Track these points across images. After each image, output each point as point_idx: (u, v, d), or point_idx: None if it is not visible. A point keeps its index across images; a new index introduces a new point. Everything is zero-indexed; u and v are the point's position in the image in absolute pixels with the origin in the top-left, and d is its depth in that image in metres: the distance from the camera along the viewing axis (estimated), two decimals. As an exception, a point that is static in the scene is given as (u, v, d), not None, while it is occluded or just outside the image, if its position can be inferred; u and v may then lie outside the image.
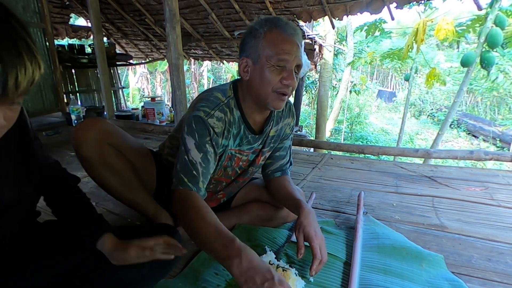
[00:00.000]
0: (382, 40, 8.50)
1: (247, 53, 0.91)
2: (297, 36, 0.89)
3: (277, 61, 0.85)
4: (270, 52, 0.85)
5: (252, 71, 0.90)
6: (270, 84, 0.87)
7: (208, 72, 14.39)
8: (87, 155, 0.96)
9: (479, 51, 3.62)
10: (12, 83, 0.41)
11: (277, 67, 0.86)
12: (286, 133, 1.16)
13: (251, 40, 0.90)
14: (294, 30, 0.88)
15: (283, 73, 0.86)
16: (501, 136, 10.04)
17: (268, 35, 0.87)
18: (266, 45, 0.86)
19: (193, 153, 0.88)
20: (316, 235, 0.91)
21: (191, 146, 0.89)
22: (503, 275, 1.00)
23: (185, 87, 2.61)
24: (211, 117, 0.91)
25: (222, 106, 0.94)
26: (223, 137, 0.96)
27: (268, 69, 0.86)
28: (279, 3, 3.46)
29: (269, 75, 0.86)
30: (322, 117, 7.11)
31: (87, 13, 4.56)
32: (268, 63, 0.86)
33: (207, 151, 0.90)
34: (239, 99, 0.97)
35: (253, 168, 1.14)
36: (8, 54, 0.40)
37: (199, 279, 0.92)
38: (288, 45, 0.86)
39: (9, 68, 0.41)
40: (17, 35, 0.42)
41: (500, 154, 2.29)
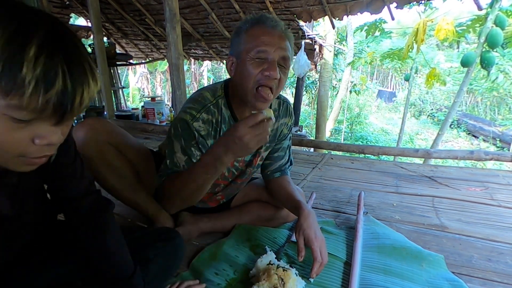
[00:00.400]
0: (382, 40, 8.49)
1: (232, 51, 0.92)
2: (279, 28, 0.87)
3: (256, 53, 0.84)
4: (250, 45, 0.85)
5: (236, 67, 0.90)
6: (251, 77, 0.85)
7: (208, 72, 14.39)
8: (87, 154, 0.96)
9: (479, 51, 3.62)
10: (78, 100, 0.44)
11: (257, 60, 0.84)
12: (283, 133, 1.14)
13: (235, 38, 0.91)
14: (275, 22, 0.87)
15: (264, 65, 0.84)
16: (501, 136, 10.04)
17: (249, 30, 0.87)
18: (246, 39, 0.87)
19: (178, 156, 0.94)
20: (316, 237, 0.91)
21: (177, 149, 0.94)
22: (503, 275, 1.00)
23: (185, 87, 2.61)
24: (197, 120, 0.92)
25: (209, 106, 0.94)
26: (211, 138, 0.97)
27: (248, 62, 0.85)
28: (279, 3, 3.46)
29: (249, 68, 0.85)
30: (322, 117, 7.11)
31: (87, 13, 4.57)
32: (248, 56, 0.85)
33: (192, 154, 0.94)
34: (229, 98, 0.97)
35: (251, 169, 1.13)
36: (77, 72, 0.43)
37: (200, 279, 0.92)
38: (267, 36, 0.85)
39: (77, 85, 0.43)
40: (83, 56, 0.45)
41: (500, 154, 2.29)
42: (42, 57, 0.40)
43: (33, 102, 0.41)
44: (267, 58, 0.84)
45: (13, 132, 0.43)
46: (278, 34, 0.86)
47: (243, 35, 0.88)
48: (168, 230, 0.92)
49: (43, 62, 0.40)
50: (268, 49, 0.84)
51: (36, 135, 0.45)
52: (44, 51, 0.40)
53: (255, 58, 0.85)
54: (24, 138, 0.44)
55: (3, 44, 0.38)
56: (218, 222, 1.19)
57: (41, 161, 0.49)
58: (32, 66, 0.39)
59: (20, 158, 0.46)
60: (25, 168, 0.49)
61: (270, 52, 0.84)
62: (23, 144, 0.45)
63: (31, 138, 0.45)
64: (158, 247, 0.83)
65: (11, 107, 0.41)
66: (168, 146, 0.96)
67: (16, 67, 0.39)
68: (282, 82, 0.88)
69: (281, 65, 0.87)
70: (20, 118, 0.42)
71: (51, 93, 0.41)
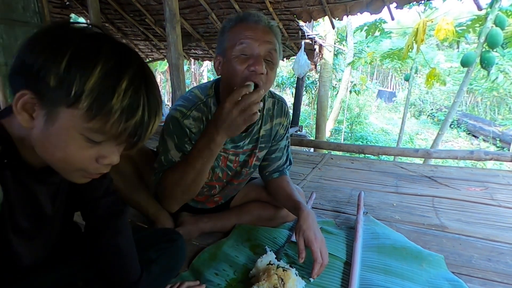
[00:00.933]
0: (382, 40, 8.51)
1: (218, 50, 0.91)
2: (262, 22, 0.86)
3: (241, 48, 0.83)
4: (233, 42, 0.84)
5: (222, 66, 0.90)
6: (237, 73, 0.83)
7: (208, 72, 14.39)
8: None
9: (479, 51, 3.62)
10: (150, 129, 0.50)
11: (242, 56, 0.83)
12: (279, 134, 1.13)
13: (220, 37, 0.91)
14: (258, 17, 0.86)
15: (250, 61, 0.83)
16: (501, 136, 10.03)
17: (233, 28, 0.87)
18: (230, 37, 0.86)
19: (172, 153, 0.96)
20: (316, 238, 0.91)
21: (171, 147, 0.95)
22: (503, 275, 1.00)
23: (185, 87, 2.61)
24: (187, 118, 0.93)
25: (199, 104, 0.95)
26: None
27: (233, 59, 0.84)
28: (279, 3, 3.46)
29: (235, 65, 0.84)
30: (322, 117, 7.11)
31: (87, 13, 4.57)
32: (233, 53, 0.84)
33: (186, 150, 0.95)
34: (219, 96, 0.98)
35: (246, 170, 1.12)
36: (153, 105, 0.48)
37: (200, 279, 0.92)
38: (250, 31, 0.84)
39: (151, 117, 0.49)
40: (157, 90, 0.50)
41: (500, 154, 2.29)
42: (130, 91, 0.45)
43: (113, 129, 0.45)
44: (253, 54, 0.83)
45: (83, 150, 0.48)
46: (262, 28, 0.85)
47: (226, 33, 0.88)
48: (170, 232, 0.92)
49: (129, 95, 0.45)
50: (252, 43, 0.83)
51: (100, 155, 0.49)
52: (133, 86, 0.45)
53: (240, 55, 0.83)
54: (90, 156, 0.49)
55: (103, 75, 0.43)
56: (218, 222, 1.19)
57: (96, 176, 0.54)
58: (121, 98, 0.44)
59: (80, 172, 0.51)
60: (81, 180, 0.53)
61: (255, 47, 0.83)
62: (87, 161, 0.49)
63: (96, 157, 0.49)
64: (160, 248, 0.83)
65: (92, 130, 0.45)
66: (162, 144, 0.97)
67: (109, 96, 0.43)
68: (270, 77, 0.86)
69: (268, 60, 0.85)
70: (95, 140, 0.47)
71: (130, 122, 0.46)
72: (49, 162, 0.50)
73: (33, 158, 0.52)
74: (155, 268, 0.79)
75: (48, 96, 0.44)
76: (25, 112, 0.45)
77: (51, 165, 0.51)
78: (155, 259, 0.80)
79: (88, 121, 0.44)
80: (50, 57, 0.43)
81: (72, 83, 0.42)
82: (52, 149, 0.47)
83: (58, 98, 0.43)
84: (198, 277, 0.93)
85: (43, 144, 0.47)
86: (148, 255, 0.80)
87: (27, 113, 0.45)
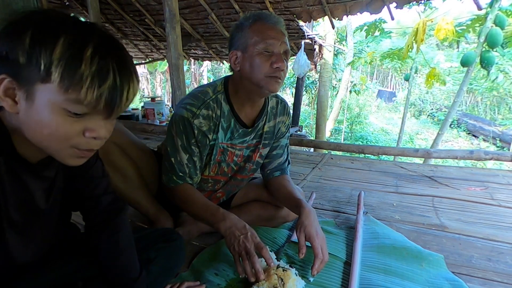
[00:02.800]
0: (382, 40, 8.49)
1: (236, 46, 0.96)
2: (280, 25, 0.95)
3: (265, 46, 0.90)
4: (257, 39, 0.91)
5: (242, 61, 0.94)
6: (261, 69, 0.91)
7: (208, 72, 14.40)
8: None
9: (479, 51, 3.62)
10: (125, 96, 0.51)
11: (266, 53, 0.91)
12: (281, 131, 1.17)
13: (238, 34, 0.95)
14: (276, 19, 0.95)
15: (272, 58, 0.91)
16: (501, 136, 10.04)
17: (253, 25, 0.93)
18: (252, 34, 0.92)
19: (180, 155, 0.98)
20: (317, 234, 0.91)
21: (178, 147, 0.98)
22: (503, 275, 1.00)
23: (185, 87, 2.61)
24: (197, 117, 0.95)
25: (208, 102, 0.97)
26: (212, 132, 1.00)
27: (257, 56, 0.91)
28: (279, 3, 3.46)
29: (258, 61, 0.91)
30: (322, 117, 7.11)
31: (87, 13, 4.56)
32: (256, 50, 0.91)
33: (193, 152, 0.98)
34: (229, 94, 1.00)
35: (250, 165, 1.14)
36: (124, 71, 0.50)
37: (200, 279, 0.92)
38: (273, 31, 0.92)
39: (124, 82, 0.50)
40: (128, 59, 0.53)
41: (500, 154, 2.29)
42: (96, 57, 0.47)
43: (88, 96, 0.47)
44: (273, 52, 0.91)
45: (68, 124, 0.50)
46: (280, 30, 0.94)
47: (246, 30, 0.93)
48: (170, 231, 0.92)
49: (97, 61, 0.47)
50: (275, 42, 0.91)
51: (86, 128, 0.51)
52: (98, 52, 0.47)
53: (263, 51, 0.91)
54: (76, 130, 0.51)
55: (66, 47, 0.45)
56: (218, 222, 1.19)
57: (89, 154, 0.56)
58: (89, 64, 0.46)
59: (72, 149, 0.53)
60: (74, 161, 0.55)
61: (277, 46, 0.91)
62: (75, 136, 0.51)
63: (82, 131, 0.51)
64: (160, 248, 0.83)
65: (70, 101, 0.47)
66: (169, 142, 0.99)
67: (76, 65, 0.46)
68: (285, 72, 0.96)
69: (284, 58, 0.93)
70: (76, 112, 0.49)
71: (103, 87, 0.48)
72: (39, 144, 0.51)
73: (29, 152, 0.54)
74: (154, 268, 0.79)
75: (23, 75, 0.46)
76: (8, 98, 0.47)
77: (42, 148, 0.52)
78: (154, 259, 0.80)
79: (63, 93, 0.46)
80: (15, 38, 0.45)
81: (40, 57, 0.45)
82: (39, 128, 0.49)
83: (31, 76, 0.46)
84: (198, 277, 0.93)
85: (29, 125, 0.49)
86: (147, 255, 0.80)
87: (10, 98, 0.47)
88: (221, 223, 0.90)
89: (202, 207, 0.97)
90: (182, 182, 1.00)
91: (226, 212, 0.94)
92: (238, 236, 0.87)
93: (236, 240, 0.86)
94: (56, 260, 0.72)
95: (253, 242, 0.86)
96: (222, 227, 0.90)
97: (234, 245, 0.86)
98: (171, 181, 1.00)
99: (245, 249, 0.84)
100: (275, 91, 0.96)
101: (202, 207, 0.97)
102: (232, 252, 0.87)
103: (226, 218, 0.91)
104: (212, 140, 1.01)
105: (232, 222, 0.90)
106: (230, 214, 0.93)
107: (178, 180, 1.00)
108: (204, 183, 1.11)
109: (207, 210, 0.95)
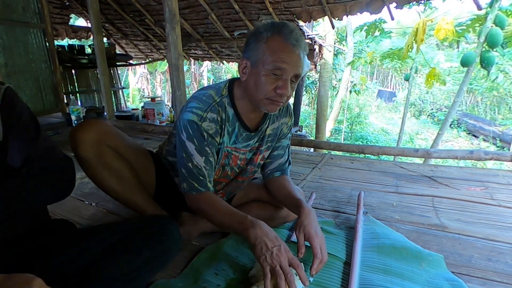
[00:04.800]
0: (382, 40, 8.50)
1: (248, 54, 0.92)
2: (299, 46, 0.88)
3: (273, 68, 0.86)
4: (268, 58, 0.86)
5: (249, 73, 0.92)
6: (263, 91, 0.88)
7: (208, 72, 14.40)
8: (85, 156, 0.96)
9: (479, 51, 3.62)
10: None
11: (273, 75, 0.87)
12: (283, 132, 1.16)
13: (253, 42, 0.90)
14: (296, 41, 0.87)
15: (279, 82, 0.87)
16: (501, 136, 10.03)
17: (270, 40, 0.87)
18: (266, 50, 0.87)
19: (196, 159, 0.94)
20: (317, 234, 0.91)
21: (193, 152, 0.94)
22: (503, 275, 1.00)
23: (185, 87, 2.61)
24: (204, 120, 0.93)
25: (214, 105, 0.95)
26: (218, 135, 0.98)
27: (264, 76, 0.87)
28: (278, 3, 3.46)
29: (263, 82, 0.87)
30: (322, 117, 7.11)
31: (87, 14, 4.57)
32: (265, 69, 0.86)
33: (208, 154, 0.95)
34: (233, 98, 0.99)
35: (252, 167, 1.14)
36: None
37: (199, 279, 0.92)
38: (287, 54, 0.86)
39: None
40: None
41: (500, 154, 2.28)
42: None
43: None
44: (282, 76, 0.87)
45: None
46: (298, 54, 0.87)
47: (262, 44, 0.87)
48: (161, 217, 0.91)
49: None
50: (285, 67, 0.86)
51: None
52: None
53: (271, 73, 0.87)
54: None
55: None
56: (218, 222, 1.19)
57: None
58: None
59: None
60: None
61: (287, 70, 0.86)
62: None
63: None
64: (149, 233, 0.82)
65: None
66: (182, 148, 0.95)
67: None
68: (291, 95, 0.93)
69: (292, 81, 0.90)
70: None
71: None
72: None
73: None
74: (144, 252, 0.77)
75: None
76: None
77: None
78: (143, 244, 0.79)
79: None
80: None
81: None
82: None
83: None
84: (197, 277, 0.93)
85: None
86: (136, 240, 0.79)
87: None
88: (251, 231, 0.84)
89: (227, 215, 0.92)
90: (204, 189, 0.96)
91: (255, 219, 0.88)
92: (271, 247, 0.81)
93: (269, 252, 0.80)
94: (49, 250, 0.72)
95: (287, 257, 0.81)
96: (252, 235, 0.84)
97: (266, 256, 0.80)
98: (193, 189, 0.96)
99: (280, 264, 0.78)
100: (272, 112, 0.95)
101: (227, 215, 0.92)
102: (263, 264, 0.80)
103: (256, 225, 0.86)
104: (219, 144, 1.00)
105: (263, 231, 0.84)
106: (259, 221, 0.88)
107: (200, 188, 0.96)
108: None
109: (234, 218, 0.91)
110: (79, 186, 1.65)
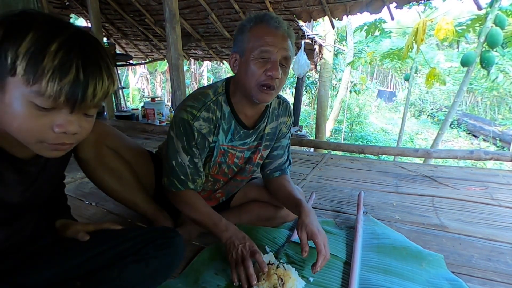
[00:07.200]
0: (382, 40, 8.48)
1: (236, 48, 0.94)
2: (282, 28, 0.89)
3: (260, 52, 0.87)
4: (254, 45, 0.88)
5: (239, 65, 0.93)
6: (254, 76, 0.88)
7: (208, 72, 14.40)
8: (84, 157, 0.96)
9: (479, 50, 3.62)
10: (91, 92, 0.52)
11: (261, 59, 0.88)
12: (282, 132, 1.16)
13: (239, 36, 0.93)
14: (278, 23, 0.89)
15: (267, 65, 0.88)
16: (501, 136, 10.03)
17: (253, 29, 0.89)
18: (250, 38, 0.89)
19: (181, 156, 0.97)
20: (319, 231, 0.91)
21: (179, 149, 0.96)
22: (504, 275, 1.00)
23: (185, 87, 2.61)
24: (197, 119, 0.94)
25: (209, 104, 0.96)
26: (212, 134, 0.99)
27: (252, 61, 0.88)
28: (279, 3, 3.46)
29: (253, 68, 0.88)
30: (322, 117, 7.11)
31: (87, 14, 4.56)
32: (252, 56, 0.88)
33: (194, 154, 0.97)
34: (229, 95, 0.99)
35: (250, 166, 1.13)
36: (91, 68, 0.52)
37: (199, 279, 0.92)
38: (271, 37, 0.87)
39: (90, 79, 0.52)
40: (101, 57, 0.54)
41: (500, 154, 2.28)
42: (60, 52, 0.49)
43: (49, 89, 0.49)
44: (270, 58, 0.87)
45: (36, 118, 0.52)
46: (281, 34, 0.89)
47: (247, 33, 0.90)
48: (168, 229, 0.92)
49: (60, 56, 0.49)
50: (271, 50, 0.87)
51: (54, 123, 0.53)
52: (63, 48, 0.50)
53: (259, 58, 0.88)
54: (44, 125, 0.53)
55: (34, 41, 0.48)
56: (218, 222, 1.19)
57: (64, 147, 0.57)
58: (52, 58, 0.48)
59: (42, 143, 0.54)
60: (51, 153, 0.57)
61: (273, 53, 0.87)
62: (43, 130, 0.53)
63: (51, 126, 0.53)
64: (158, 244, 0.83)
65: (33, 93, 0.49)
66: (170, 144, 0.97)
67: (39, 59, 0.48)
68: (283, 80, 0.92)
69: (283, 65, 0.90)
70: (41, 105, 0.50)
71: (64, 82, 0.49)
72: (17, 138, 0.54)
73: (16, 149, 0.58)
74: (152, 264, 0.78)
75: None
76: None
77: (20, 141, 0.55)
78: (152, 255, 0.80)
79: (27, 85, 0.49)
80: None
81: (8, 51, 0.48)
82: (10, 120, 0.52)
83: (2, 70, 0.49)
84: (197, 277, 0.93)
85: (2, 118, 0.52)
86: (146, 251, 0.80)
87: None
88: (223, 233, 0.94)
89: (204, 215, 0.99)
90: (184, 188, 0.99)
91: (228, 222, 0.97)
92: (237, 245, 0.90)
93: (235, 249, 0.90)
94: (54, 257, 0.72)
95: (250, 251, 0.88)
96: (224, 237, 0.94)
97: (233, 253, 0.89)
98: (172, 186, 0.99)
99: (241, 256, 0.87)
100: (264, 102, 0.94)
101: (204, 215, 0.99)
102: (230, 260, 0.90)
103: (228, 229, 0.95)
104: (212, 143, 1.00)
105: (233, 232, 0.94)
106: (231, 225, 0.97)
107: (180, 186, 0.99)
108: (204, 182, 1.11)
109: (210, 219, 0.98)
110: (79, 186, 1.66)
